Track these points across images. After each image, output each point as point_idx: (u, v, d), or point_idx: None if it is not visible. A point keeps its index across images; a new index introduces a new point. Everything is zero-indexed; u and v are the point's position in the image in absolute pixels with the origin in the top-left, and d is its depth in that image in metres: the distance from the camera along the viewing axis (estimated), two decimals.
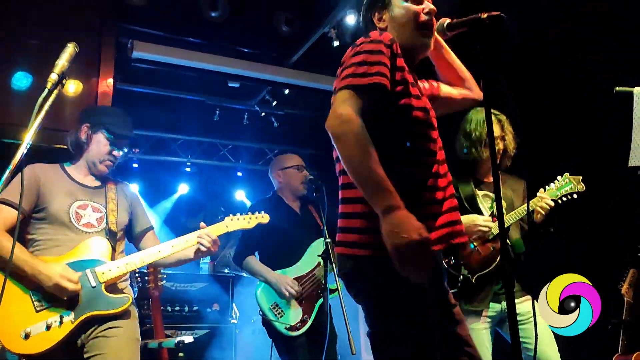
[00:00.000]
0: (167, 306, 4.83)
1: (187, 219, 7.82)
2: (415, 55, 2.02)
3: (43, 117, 1.73)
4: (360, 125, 1.68)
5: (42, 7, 4.30)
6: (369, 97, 1.75)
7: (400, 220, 1.58)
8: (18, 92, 4.15)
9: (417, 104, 1.85)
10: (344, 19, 4.75)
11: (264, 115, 6.57)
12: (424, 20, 1.96)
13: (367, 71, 1.76)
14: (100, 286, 2.49)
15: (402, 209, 1.60)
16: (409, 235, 1.54)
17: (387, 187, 1.62)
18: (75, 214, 2.58)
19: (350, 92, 1.75)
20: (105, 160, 2.72)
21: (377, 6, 2.05)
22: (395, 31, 1.99)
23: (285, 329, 3.57)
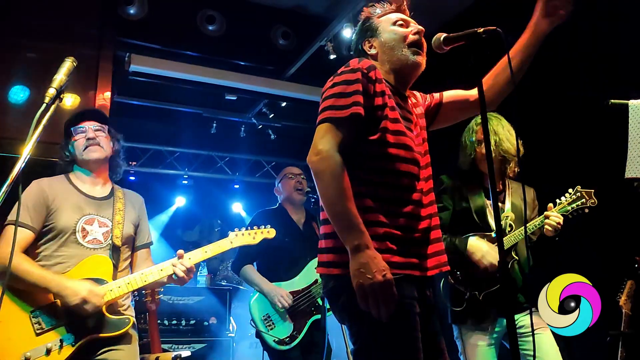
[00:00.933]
0: (164, 320, 4.81)
1: (184, 231, 7.82)
2: (408, 76, 2.07)
3: (41, 132, 1.73)
4: (338, 163, 1.76)
5: (39, 21, 4.31)
6: (348, 129, 1.82)
7: (366, 260, 1.66)
8: (15, 106, 4.15)
9: (393, 127, 1.89)
10: (340, 32, 4.79)
11: (260, 127, 6.59)
12: (413, 39, 2.03)
13: (344, 103, 1.83)
14: (101, 307, 2.43)
15: (369, 249, 1.68)
16: (373, 276, 1.63)
17: (357, 226, 1.71)
18: (82, 229, 2.53)
19: (329, 125, 1.82)
20: (87, 147, 2.62)
21: (366, 35, 2.12)
22: (385, 55, 2.05)
23: (274, 341, 3.55)
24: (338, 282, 1.82)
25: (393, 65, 2.03)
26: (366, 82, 1.86)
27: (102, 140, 2.67)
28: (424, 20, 2.15)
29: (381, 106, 1.88)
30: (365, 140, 1.87)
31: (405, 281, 1.77)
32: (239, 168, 7.40)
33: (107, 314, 2.45)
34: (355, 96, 1.83)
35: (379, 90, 1.89)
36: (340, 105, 1.83)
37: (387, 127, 1.88)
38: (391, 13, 2.13)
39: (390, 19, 2.10)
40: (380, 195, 1.83)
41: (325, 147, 1.77)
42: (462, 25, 1.85)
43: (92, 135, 2.64)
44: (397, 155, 1.88)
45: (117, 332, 2.45)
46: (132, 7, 4.74)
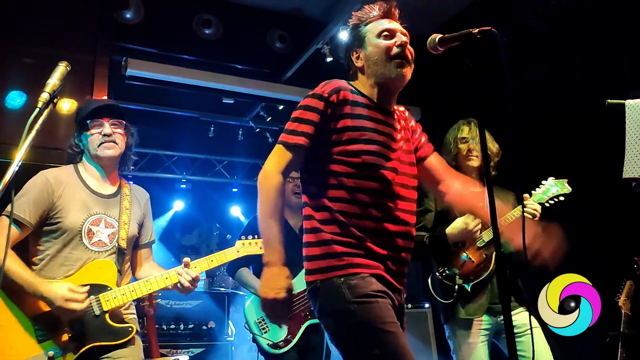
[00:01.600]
0: (163, 324, 4.79)
1: (182, 235, 7.80)
2: (391, 89, 2.12)
3: (34, 136, 1.71)
4: (274, 184, 1.95)
5: (36, 26, 4.31)
6: (294, 154, 1.98)
7: (269, 276, 1.85)
8: (12, 111, 4.14)
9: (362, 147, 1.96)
10: (336, 35, 4.78)
11: (258, 130, 6.58)
12: (396, 52, 2.06)
13: (295, 129, 1.98)
14: (104, 315, 2.40)
15: (276, 267, 1.87)
16: (268, 293, 1.82)
17: (274, 244, 1.91)
18: (88, 230, 2.47)
19: (280, 146, 2.00)
20: (102, 144, 2.56)
21: (354, 46, 2.16)
22: (370, 69, 2.10)
23: (268, 345, 3.54)
24: (314, 289, 1.96)
25: (377, 79, 2.08)
26: (326, 110, 1.97)
27: (118, 137, 2.61)
28: (420, 22, 2.15)
29: (348, 127, 1.97)
30: (328, 159, 1.98)
31: (374, 277, 1.89)
32: (237, 171, 7.39)
33: (109, 322, 2.41)
34: (306, 126, 1.96)
35: (346, 112, 1.98)
36: (292, 130, 1.98)
37: (354, 145, 1.96)
38: (378, 20, 2.14)
39: (376, 30, 2.11)
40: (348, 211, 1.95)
41: (268, 167, 1.98)
42: (458, 27, 1.84)
43: (109, 131, 2.57)
44: (363, 174, 1.96)
45: (120, 341, 2.42)
46: (129, 12, 4.73)
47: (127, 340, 2.45)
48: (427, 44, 1.94)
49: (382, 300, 1.85)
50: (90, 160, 2.62)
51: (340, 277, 1.88)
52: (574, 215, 4.06)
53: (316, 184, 2.02)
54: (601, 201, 3.85)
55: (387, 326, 1.80)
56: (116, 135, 2.61)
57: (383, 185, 1.98)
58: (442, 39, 1.88)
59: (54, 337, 2.33)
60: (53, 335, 2.33)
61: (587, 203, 3.98)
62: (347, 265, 1.89)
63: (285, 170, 1.98)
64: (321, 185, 1.99)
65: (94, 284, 2.42)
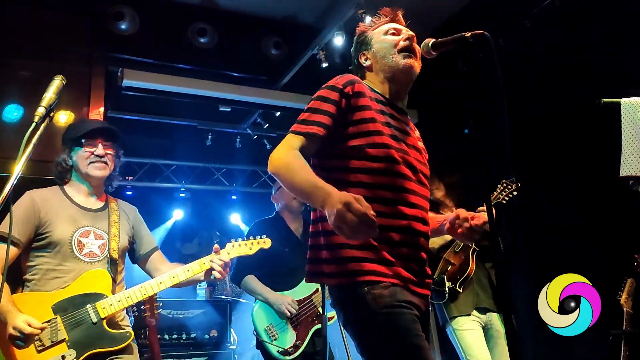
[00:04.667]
0: (165, 334, 4.78)
1: (183, 244, 7.79)
2: (402, 83, 2.10)
3: (31, 150, 1.72)
4: (290, 155, 1.82)
5: (31, 39, 4.32)
6: (306, 141, 1.88)
7: (330, 201, 1.63)
8: (9, 125, 4.15)
9: (378, 140, 1.90)
10: (331, 41, 4.79)
11: (256, 137, 6.59)
12: (403, 45, 2.07)
13: (307, 118, 1.90)
14: (102, 322, 2.45)
15: (331, 193, 1.66)
16: (333, 208, 1.59)
17: (317, 184, 1.72)
18: (78, 242, 2.52)
19: (291, 135, 1.90)
20: (92, 163, 2.61)
21: (361, 48, 2.17)
22: (378, 64, 2.10)
23: (278, 352, 3.54)
24: (338, 296, 1.87)
25: (386, 73, 2.08)
26: (341, 101, 1.92)
27: (109, 159, 2.68)
28: (415, 26, 2.16)
29: (364, 120, 1.92)
30: (344, 154, 1.92)
31: (400, 287, 1.81)
32: (235, 179, 7.39)
33: (107, 328, 2.46)
34: (320, 115, 1.89)
35: (361, 104, 1.93)
36: (303, 119, 1.91)
37: (370, 139, 1.90)
38: (384, 24, 2.16)
39: (382, 29, 2.14)
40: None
41: (278, 151, 1.85)
42: (452, 29, 1.85)
43: (102, 152, 2.64)
44: (383, 169, 1.89)
45: (119, 347, 2.46)
46: (123, 22, 4.74)
47: (126, 345, 2.48)
48: (421, 48, 1.96)
49: (407, 311, 1.78)
50: (78, 178, 2.68)
51: (362, 284, 1.78)
52: (574, 214, 4.07)
53: (331, 181, 1.81)
54: (600, 200, 3.86)
55: (415, 339, 1.75)
56: (107, 157, 2.67)
57: (404, 182, 1.92)
58: (435, 44, 1.89)
59: (53, 347, 2.35)
60: (52, 344, 2.35)
61: (586, 202, 3.99)
62: (368, 272, 1.79)
63: (294, 148, 1.85)
64: (336, 182, 1.78)
65: (89, 293, 2.47)
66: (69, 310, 2.41)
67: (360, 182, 1.88)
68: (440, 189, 3.78)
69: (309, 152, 1.90)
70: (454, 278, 3.47)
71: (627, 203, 3.51)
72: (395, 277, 1.81)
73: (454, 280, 3.47)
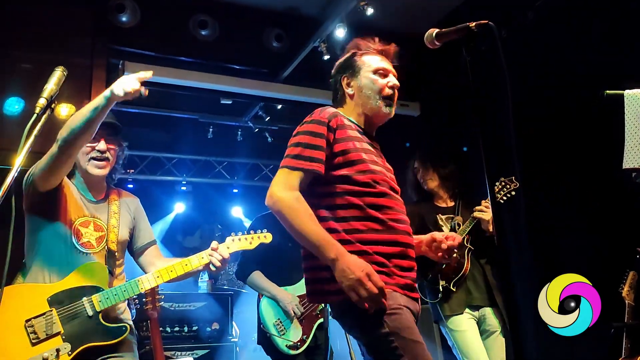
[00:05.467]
0: (166, 327, 4.79)
1: (184, 237, 7.80)
2: (376, 123, 2.28)
3: (33, 142, 1.72)
4: (291, 197, 1.94)
5: (32, 32, 4.31)
6: (302, 176, 1.99)
7: (345, 264, 1.82)
8: (10, 118, 4.14)
9: (362, 167, 2.04)
10: (333, 33, 4.78)
11: (257, 131, 6.58)
12: (388, 94, 2.21)
13: (300, 153, 2.00)
14: (98, 315, 2.42)
15: (345, 255, 1.85)
16: (355, 275, 1.79)
17: (327, 240, 1.88)
18: (76, 230, 2.50)
19: (285, 170, 2.01)
20: (92, 159, 2.57)
21: (347, 72, 2.28)
22: (360, 100, 2.23)
23: (287, 346, 3.56)
24: (341, 309, 1.98)
25: (366, 111, 2.23)
26: (329, 135, 2.04)
27: (110, 154, 2.63)
28: (417, 18, 2.15)
29: (347, 150, 2.05)
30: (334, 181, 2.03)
31: (399, 294, 1.95)
32: (237, 172, 7.38)
33: (103, 322, 2.43)
34: (315, 151, 2.00)
35: (343, 136, 2.06)
36: (297, 154, 2.01)
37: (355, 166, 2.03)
38: (374, 55, 2.28)
39: (371, 66, 2.24)
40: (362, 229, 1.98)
41: (275, 190, 1.96)
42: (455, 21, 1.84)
43: (104, 148, 2.59)
44: (370, 192, 2.03)
45: (114, 341, 2.43)
46: (125, 15, 4.72)
47: (122, 341, 2.46)
48: (425, 38, 1.95)
49: (407, 312, 1.93)
50: (78, 174, 2.64)
51: None
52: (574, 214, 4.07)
53: (321, 207, 2.03)
54: (601, 197, 3.85)
55: (416, 336, 1.89)
56: (110, 152, 2.63)
57: (388, 200, 2.06)
58: (439, 34, 1.88)
59: (48, 340, 2.34)
60: (47, 337, 2.34)
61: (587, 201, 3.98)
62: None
63: (296, 189, 1.98)
64: (328, 207, 2.01)
65: (86, 286, 2.44)
66: (64, 302, 2.39)
67: (351, 203, 2.01)
68: (434, 179, 3.73)
69: (303, 187, 2.01)
70: (448, 277, 3.46)
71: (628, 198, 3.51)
72: (395, 285, 1.95)
73: (448, 279, 3.46)
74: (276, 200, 1.94)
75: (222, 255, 2.65)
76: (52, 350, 2.32)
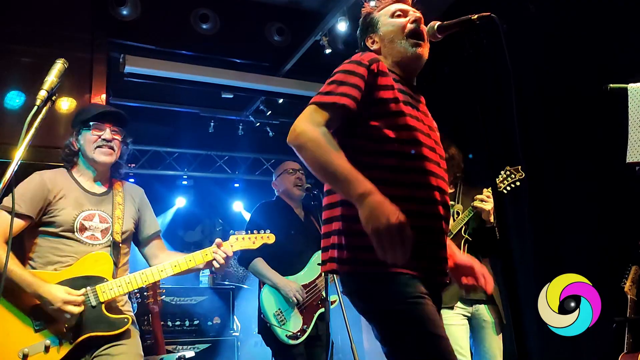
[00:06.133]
0: (168, 321, 4.80)
1: (185, 232, 7.80)
2: (411, 67, 2.05)
3: (33, 134, 1.71)
4: (316, 129, 1.71)
5: (32, 25, 4.29)
6: (332, 114, 1.77)
7: (376, 204, 1.57)
8: (11, 112, 4.13)
9: (401, 122, 1.84)
10: (335, 26, 4.75)
11: (258, 125, 6.56)
12: (411, 28, 2.00)
13: (333, 90, 1.79)
14: (101, 306, 2.45)
15: (375, 194, 1.59)
16: (387, 219, 1.54)
17: (355, 176, 1.63)
18: (80, 225, 2.52)
19: (313, 107, 1.79)
20: (99, 147, 2.60)
21: (368, 31, 2.11)
22: (386, 49, 2.04)
23: (286, 336, 3.56)
24: (355, 284, 1.81)
25: (395, 57, 2.02)
26: (368, 78, 1.84)
27: (116, 144, 2.67)
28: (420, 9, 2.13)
29: (387, 100, 1.86)
30: (365, 136, 1.84)
31: (421, 279, 1.75)
32: (238, 166, 7.38)
33: (106, 313, 2.46)
34: (346, 87, 1.79)
35: (384, 83, 1.87)
36: (328, 91, 1.80)
37: (393, 120, 1.84)
38: (391, 4, 2.10)
39: (389, 11, 2.08)
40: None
41: (298, 123, 1.75)
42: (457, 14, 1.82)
43: (109, 137, 2.63)
44: (406, 152, 1.83)
45: (116, 332, 2.46)
46: (125, 8, 4.70)
47: (124, 331, 2.48)
48: (426, 31, 1.93)
49: (428, 302, 1.73)
50: (85, 162, 2.67)
51: (385, 273, 1.72)
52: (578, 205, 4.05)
53: (353, 163, 1.71)
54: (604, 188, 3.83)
55: (437, 330, 1.71)
56: (115, 142, 2.66)
57: (426, 164, 1.85)
58: (441, 26, 1.86)
59: (51, 327, 2.37)
60: (50, 325, 2.37)
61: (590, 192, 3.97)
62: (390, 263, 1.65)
63: (322, 124, 1.74)
64: (356, 164, 1.68)
65: (90, 276, 2.47)
66: None
67: (382, 164, 1.80)
68: None
69: (334, 127, 1.78)
70: None
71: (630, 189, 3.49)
72: (417, 269, 1.75)
73: None
74: (299, 133, 1.71)
75: (227, 253, 2.66)
76: (54, 337, 2.36)
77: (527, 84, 4.30)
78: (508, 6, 4.06)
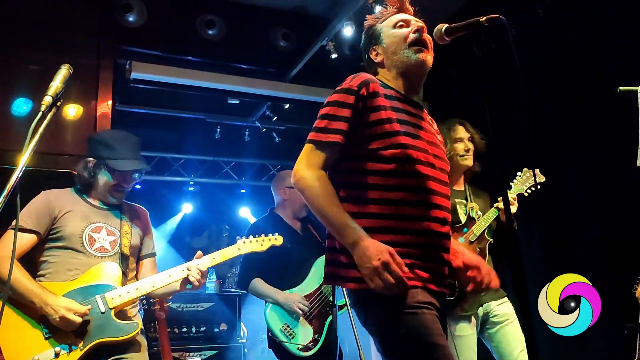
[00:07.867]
0: (174, 328, 4.78)
1: (192, 238, 7.80)
2: (415, 77, 2.06)
3: (38, 140, 1.70)
4: (312, 176, 1.84)
5: (39, 32, 4.31)
6: (327, 153, 1.88)
7: (363, 250, 1.71)
8: (19, 118, 4.14)
9: (394, 141, 1.87)
10: (340, 32, 4.75)
11: (265, 130, 6.56)
12: (413, 38, 2.02)
13: (326, 126, 1.89)
14: (110, 312, 2.48)
15: (363, 240, 1.73)
16: (372, 263, 1.68)
17: (346, 224, 1.77)
18: (89, 237, 2.57)
19: (310, 147, 1.90)
20: (113, 192, 2.71)
21: (371, 43, 2.14)
22: (389, 60, 2.07)
23: (298, 349, 3.49)
24: (357, 298, 1.88)
25: (398, 68, 2.04)
26: (357, 103, 1.90)
27: (130, 186, 2.77)
28: (426, 15, 2.12)
29: (380, 120, 1.89)
30: (362, 157, 1.90)
31: (420, 288, 1.81)
32: (244, 172, 7.38)
33: (115, 319, 2.48)
34: (339, 122, 1.88)
35: (376, 104, 1.91)
36: (323, 127, 1.90)
37: (387, 140, 1.88)
38: (392, 15, 2.11)
39: (391, 22, 2.09)
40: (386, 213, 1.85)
41: (299, 168, 1.87)
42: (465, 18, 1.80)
43: (128, 185, 2.74)
44: (402, 170, 1.87)
45: (126, 337, 2.48)
46: (131, 15, 4.72)
47: (133, 343, 2.51)
48: (434, 34, 1.92)
49: (428, 312, 1.78)
50: (95, 191, 2.74)
51: None
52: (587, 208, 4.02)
53: (347, 184, 1.90)
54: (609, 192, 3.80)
55: (436, 339, 1.75)
56: (130, 185, 2.78)
57: (423, 182, 1.89)
58: (449, 29, 1.85)
59: (61, 334, 2.39)
60: (60, 332, 2.39)
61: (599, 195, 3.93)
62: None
63: (319, 166, 1.87)
64: (354, 185, 1.87)
65: (99, 284, 2.51)
66: (78, 300, 2.44)
67: (373, 184, 1.87)
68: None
69: (331, 163, 1.91)
70: None
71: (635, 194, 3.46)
72: (415, 279, 1.80)
73: None
74: (298, 179, 1.86)
75: (200, 269, 2.64)
76: (64, 344, 2.38)
77: (535, 86, 4.28)
78: (516, 10, 4.04)
